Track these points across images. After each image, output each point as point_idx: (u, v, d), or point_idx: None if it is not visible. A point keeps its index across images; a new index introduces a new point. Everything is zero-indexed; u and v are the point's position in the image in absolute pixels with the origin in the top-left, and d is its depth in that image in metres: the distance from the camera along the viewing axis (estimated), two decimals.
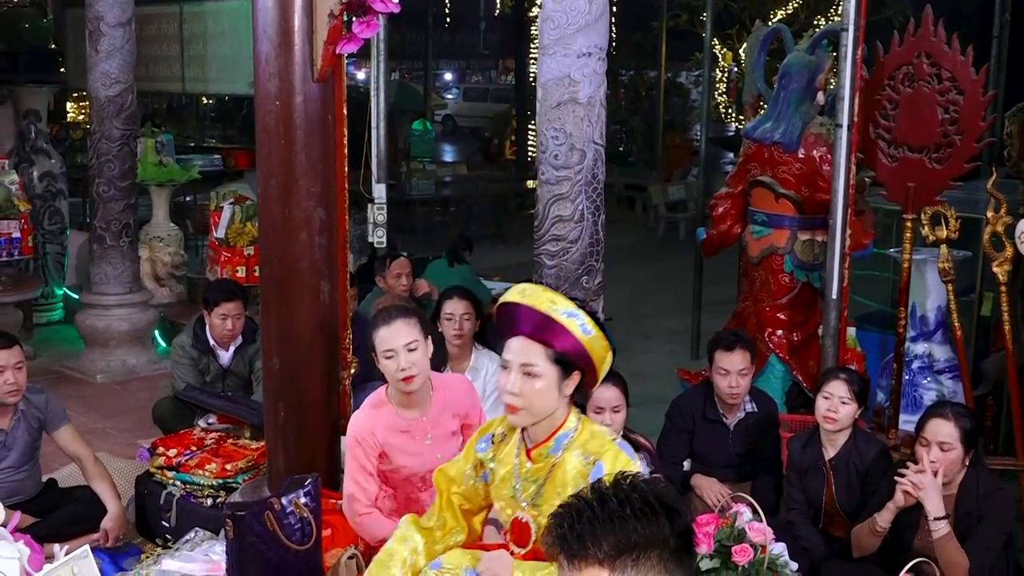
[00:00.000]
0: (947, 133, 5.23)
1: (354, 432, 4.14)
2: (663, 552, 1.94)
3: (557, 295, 3.08)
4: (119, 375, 7.81)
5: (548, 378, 3.02)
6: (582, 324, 3.00)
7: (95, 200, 7.81)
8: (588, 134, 4.58)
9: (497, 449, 3.26)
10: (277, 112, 4.29)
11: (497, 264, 11.24)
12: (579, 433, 3.12)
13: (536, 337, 3.02)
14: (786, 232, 6.22)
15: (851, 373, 4.77)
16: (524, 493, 3.13)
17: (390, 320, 4.07)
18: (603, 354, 3.06)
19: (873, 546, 4.36)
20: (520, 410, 3.05)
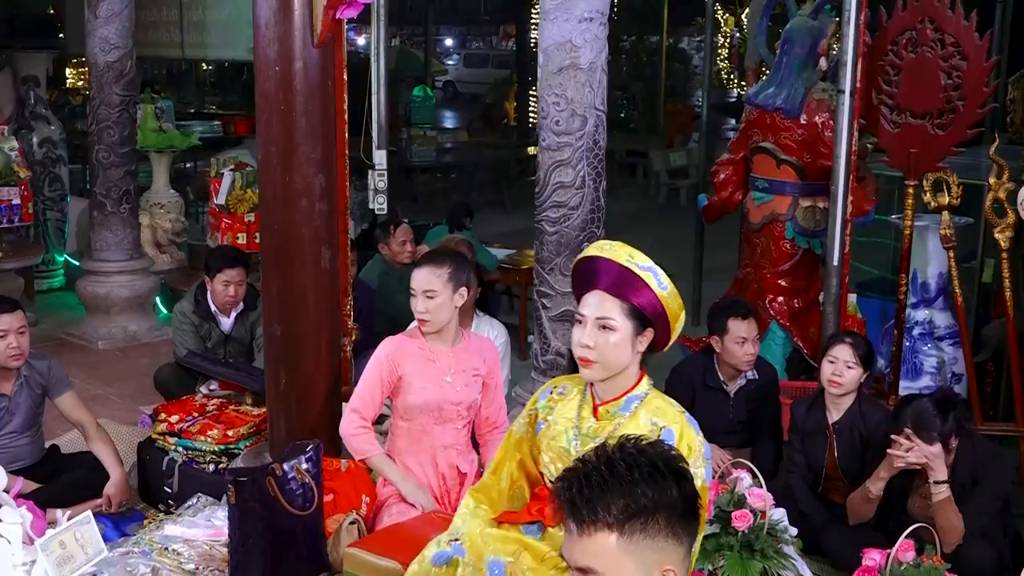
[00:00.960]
0: (950, 99, 5.21)
1: (381, 352, 4.28)
2: (671, 516, 1.96)
3: (635, 250, 3.10)
4: (120, 341, 7.82)
5: (623, 332, 3.03)
6: (658, 279, 3.03)
7: (95, 167, 7.79)
8: (589, 100, 4.56)
9: (556, 402, 3.26)
10: (277, 78, 4.28)
11: (498, 231, 11.22)
12: (650, 398, 3.13)
13: (613, 291, 3.04)
14: (788, 198, 6.21)
15: (856, 337, 4.77)
16: (581, 448, 3.10)
17: (423, 263, 4.27)
18: (677, 312, 3.08)
19: (867, 513, 4.38)
20: (594, 363, 3.05)
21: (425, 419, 4.26)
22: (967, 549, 4.08)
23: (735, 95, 23.12)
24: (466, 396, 4.27)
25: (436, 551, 3.24)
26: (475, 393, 4.29)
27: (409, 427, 4.30)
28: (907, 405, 4.27)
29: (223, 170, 8.35)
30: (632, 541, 1.94)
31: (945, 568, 3.72)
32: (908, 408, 4.21)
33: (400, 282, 6.98)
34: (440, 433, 4.28)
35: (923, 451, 4.10)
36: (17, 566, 1.95)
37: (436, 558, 3.21)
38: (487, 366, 4.36)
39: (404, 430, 4.31)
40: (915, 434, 4.11)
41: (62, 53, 12.28)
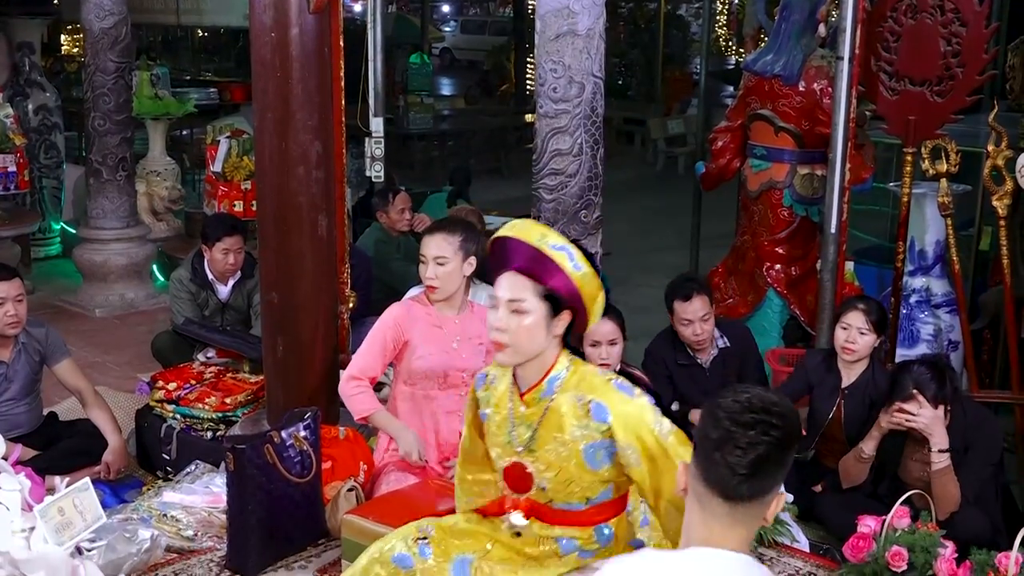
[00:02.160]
0: (949, 66, 5.18)
1: (388, 316, 4.30)
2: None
3: (548, 230, 2.97)
4: (118, 309, 7.82)
5: (536, 315, 2.91)
6: (572, 259, 2.89)
7: (91, 134, 7.77)
8: (587, 67, 4.54)
9: (490, 391, 3.16)
10: (273, 44, 4.26)
11: (495, 198, 11.20)
12: (571, 374, 3.00)
13: (526, 272, 2.92)
14: (785, 166, 6.20)
15: (869, 303, 4.78)
16: (519, 439, 3.03)
17: (434, 230, 4.28)
18: (594, 293, 2.94)
19: (860, 475, 4.40)
20: (507, 347, 2.94)
21: (429, 384, 4.28)
22: (961, 516, 4.10)
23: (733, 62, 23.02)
24: (471, 363, 4.28)
25: (400, 552, 3.10)
26: (479, 361, 4.30)
27: (412, 392, 4.31)
28: (903, 371, 4.29)
29: (219, 137, 8.32)
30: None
31: (940, 535, 3.75)
32: (907, 373, 4.23)
33: (397, 250, 6.98)
34: (443, 399, 4.30)
35: (928, 416, 4.12)
36: (16, 532, 1.95)
37: (398, 559, 3.09)
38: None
39: (407, 395, 4.32)
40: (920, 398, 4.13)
41: (57, 19, 12.21)
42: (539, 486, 3.03)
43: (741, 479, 2.08)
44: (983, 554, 3.61)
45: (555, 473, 2.98)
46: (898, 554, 3.67)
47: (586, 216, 4.65)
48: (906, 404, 4.15)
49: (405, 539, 3.11)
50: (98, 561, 3.75)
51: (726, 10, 24.78)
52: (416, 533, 3.13)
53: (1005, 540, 3.64)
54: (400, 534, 3.15)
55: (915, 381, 4.17)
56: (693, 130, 14.20)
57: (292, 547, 4.10)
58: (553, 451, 2.97)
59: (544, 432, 2.98)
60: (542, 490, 3.04)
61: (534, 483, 3.03)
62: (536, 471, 3.01)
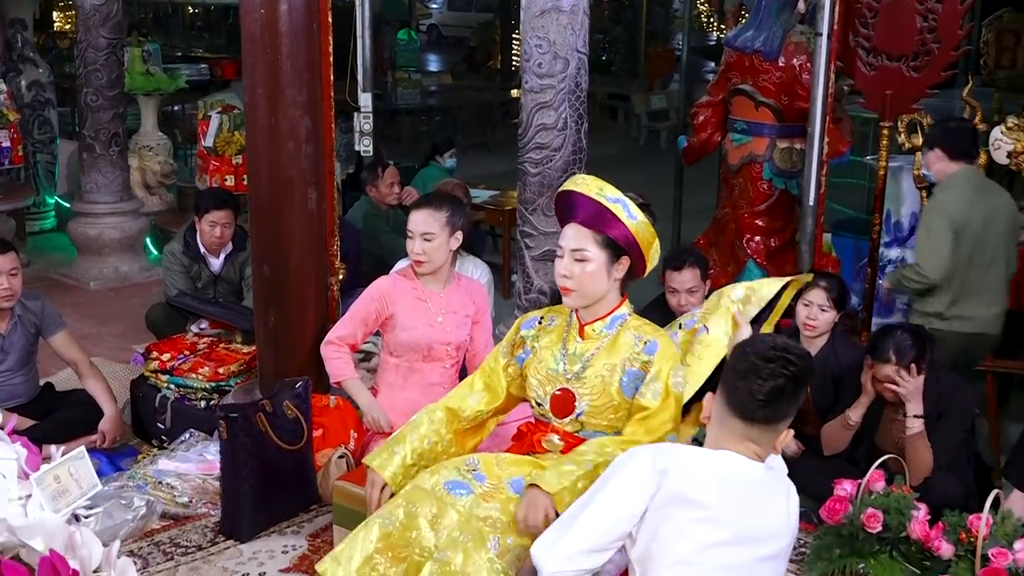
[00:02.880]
0: (925, 41, 5.18)
1: (375, 288, 4.31)
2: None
3: (605, 183, 3.20)
4: (112, 282, 7.80)
5: (598, 262, 3.16)
6: (628, 210, 3.14)
7: (84, 109, 7.72)
8: (571, 42, 4.53)
9: (542, 330, 3.37)
10: (262, 20, 4.23)
11: (482, 172, 11.17)
12: (631, 319, 3.28)
13: (587, 223, 3.16)
14: (765, 140, 6.19)
15: (830, 280, 4.77)
16: (569, 367, 3.25)
17: (421, 206, 4.26)
18: (650, 240, 3.20)
19: (843, 442, 4.42)
20: (572, 292, 3.19)
21: (414, 357, 4.28)
22: (934, 480, 4.13)
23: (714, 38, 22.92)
24: (455, 336, 4.28)
25: (453, 478, 3.14)
26: (464, 334, 4.31)
27: (398, 363, 4.31)
28: (883, 336, 4.31)
29: (210, 113, 8.28)
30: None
31: (913, 498, 3.77)
32: (889, 337, 4.25)
33: (386, 223, 6.96)
34: (428, 371, 4.30)
35: (914, 385, 4.15)
36: (13, 500, 1.95)
37: (451, 485, 3.12)
38: (476, 307, 4.38)
39: (393, 366, 4.33)
40: (897, 363, 4.15)
41: None
42: (578, 412, 3.25)
43: (760, 404, 2.47)
44: (955, 516, 3.63)
45: (596, 396, 3.22)
46: (873, 516, 3.69)
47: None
48: (893, 373, 4.17)
49: (458, 469, 3.17)
50: (95, 527, 3.76)
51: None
52: (466, 466, 3.20)
53: (976, 503, 3.66)
54: (447, 466, 3.20)
55: (896, 345, 4.19)
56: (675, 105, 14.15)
57: (284, 512, 4.11)
58: (599, 377, 3.22)
59: (596, 362, 3.23)
60: (578, 419, 3.25)
61: (575, 408, 3.25)
62: (579, 395, 3.23)
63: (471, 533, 2.95)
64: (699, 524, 2.45)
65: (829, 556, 3.75)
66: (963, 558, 3.51)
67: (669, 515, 2.46)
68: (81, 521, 2.20)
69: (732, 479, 2.51)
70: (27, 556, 1.94)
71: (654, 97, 16.75)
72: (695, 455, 2.57)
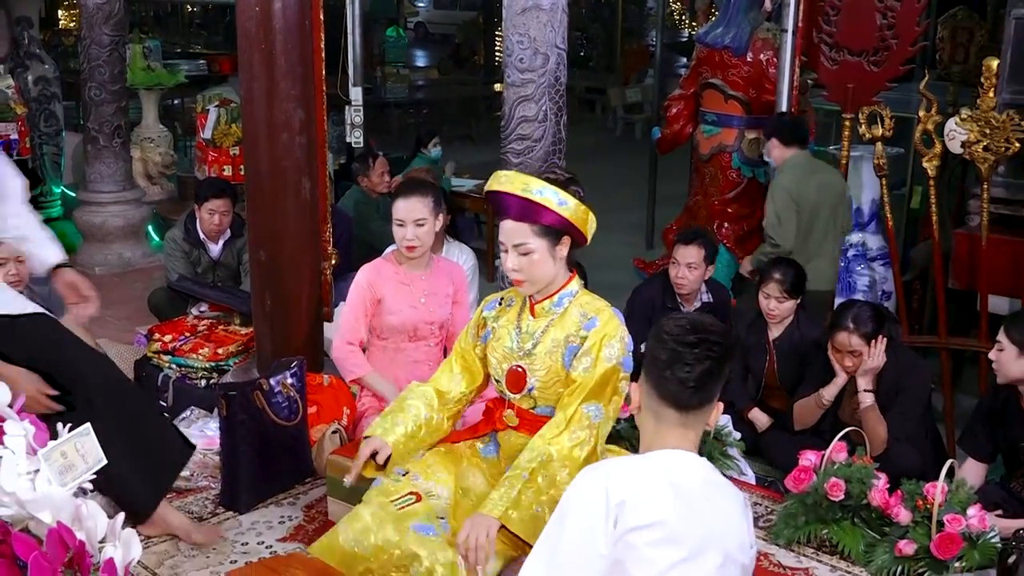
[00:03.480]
0: (884, 37, 5.19)
1: (360, 279, 4.25)
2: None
3: (529, 177, 3.13)
4: (116, 267, 7.76)
5: (540, 250, 3.11)
6: (556, 197, 3.07)
7: (88, 103, 7.66)
8: (551, 39, 4.51)
9: (502, 311, 3.35)
10: (257, 17, 4.20)
11: (467, 162, 11.14)
12: (579, 295, 3.24)
13: (521, 218, 3.10)
14: (734, 131, 6.21)
15: (784, 270, 4.77)
16: (522, 344, 3.22)
17: (409, 194, 4.17)
18: (583, 217, 3.15)
19: (815, 418, 4.44)
20: (525, 282, 3.16)
21: (400, 338, 4.27)
22: (893, 451, 4.16)
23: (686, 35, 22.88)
24: (438, 316, 4.27)
25: (422, 523, 3.06)
26: (446, 312, 4.30)
27: (385, 345, 4.30)
28: (843, 308, 4.36)
29: (209, 106, 8.24)
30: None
31: (874, 467, 3.79)
32: (847, 310, 4.29)
33: (376, 210, 6.93)
34: (413, 350, 4.29)
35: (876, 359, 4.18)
36: (21, 475, 1.94)
37: (419, 528, 3.04)
38: (455, 286, 4.37)
39: (380, 348, 4.31)
40: (854, 331, 4.17)
41: None
42: (529, 388, 3.22)
43: (692, 391, 2.29)
44: (913, 484, 3.66)
45: (545, 372, 3.18)
46: (836, 485, 3.71)
47: (555, 169, 4.64)
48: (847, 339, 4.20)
49: (428, 516, 3.09)
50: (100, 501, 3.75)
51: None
52: (436, 512, 3.11)
53: (933, 472, 3.68)
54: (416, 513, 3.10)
55: (853, 315, 4.23)
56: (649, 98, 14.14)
57: (281, 485, 4.09)
58: (548, 353, 3.18)
59: (545, 337, 3.19)
60: (530, 395, 3.23)
61: (527, 384, 3.22)
62: (530, 371, 3.20)
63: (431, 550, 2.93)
64: (658, 546, 2.23)
65: (795, 523, 3.78)
66: (920, 524, 3.54)
67: (629, 544, 2.23)
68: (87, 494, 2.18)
69: (682, 484, 2.30)
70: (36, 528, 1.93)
71: (629, 91, 16.72)
72: (644, 471, 2.30)
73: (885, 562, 3.55)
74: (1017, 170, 4.88)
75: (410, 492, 3.14)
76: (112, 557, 1.90)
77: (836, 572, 3.62)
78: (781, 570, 3.65)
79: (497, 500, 2.98)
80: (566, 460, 3.03)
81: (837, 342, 4.25)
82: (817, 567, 3.65)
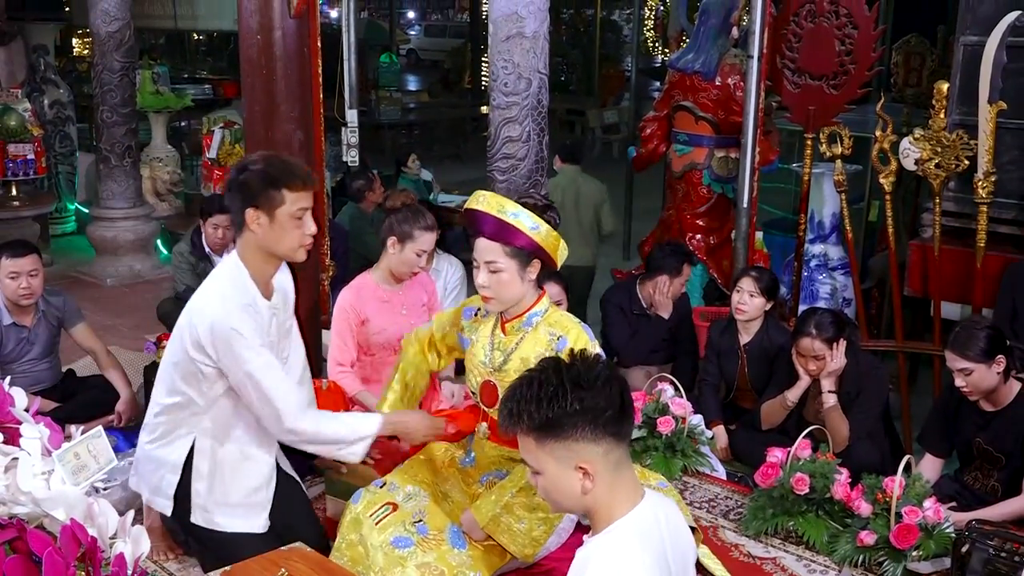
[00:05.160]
0: (843, 63, 5.20)
1: (341, 303, 4.22)
2: (579, 422, 1.93)
3: (506, 200, 3.05)
4: (127, 279, 7.74)
5: (510, 270, 3.02)
6: (529, 222, 2.99)
7: (100, 125, 7.65)
8: (533, 64, 4.51)
9: (477, 322, 3.27)
10: (259, 45, 4.19)
11: (456, 180, 11.13)
12: (548, 314, 3.14)
13: (494, 237, 3.01)
14: (705, 150, 6.21)
15: (761, 271, 4.80)
16: (493, 361, 3.15)
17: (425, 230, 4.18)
18: (554, 243, 3.06)
19: (781, 418, 4.44)
20: (492, 299, 3.07)
21: (385, 353, 4.22)
22: (854, 448, 4.17)
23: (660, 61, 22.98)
24: (419, 323, 4.23)
25: (398, 534, 3.04)
26: (425, 318, 4.27)
27: (372, 360, 4.27)
28: (806, 315, 4.36)
29: (214, 128, 8.24)
30: (544, 444, 1.96)
31: (836, 463, 3.79)
32: (810, 317, 4.30)
33: (371, 225, 6.92)
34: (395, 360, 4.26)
35: (838, 362, 4.18)
36: (37, 475, 1.92)
37: (397, 542, 3.02)
38: (428, 295, 4.39)
39: (367, 363, 4.28)
40: (816, 336, 4.17)
41: (68, 24, 11.97)
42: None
43: (617, 416, 1.97)
44: (872, 479, 3.66)
45: None
46: (801, 480, 3.72)
47: (534, 194, 4.62)
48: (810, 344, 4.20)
49: (403, 525, 3.06)
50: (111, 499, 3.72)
51: (653, 15, 24.67)
52: (412, 518, 3.09)
53: (892, 467, 3.69)
54: (394, 522, 3.08)
55: (816, 321, 4.23)
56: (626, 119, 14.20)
57: None
58: (517, 372, 3.04)
59: (515, 357, 3.10)
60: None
61: (499, 398, 3.11)
62: (500, 386, 3.12)
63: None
64: None
65: (763, 516, 3.77)
66: (880, 515, 3.54)
67: None
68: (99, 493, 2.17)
69: (667, 525, 2.05)
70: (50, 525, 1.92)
71: (607, 112, 16.76)
72: (640, 541, 1.97)
73: (847, 552, 3.55)
74: (966, 185, 4.90)
75: (386, 503, 3.12)
76: (122, 552, 1.88)
77: (802, 561, 3.62)
78: (751, 560, 3.64)
79: (485, 508, 3.01)
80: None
81: (801, 347, 4.26)
82: (784, 556, 3.65)
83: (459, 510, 3.16)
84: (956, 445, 4.01)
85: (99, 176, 7.82)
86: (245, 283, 3.08)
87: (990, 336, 3.69)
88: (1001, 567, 3.13)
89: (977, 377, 3.70)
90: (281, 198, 3.00)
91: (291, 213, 3.03)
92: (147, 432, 3.25)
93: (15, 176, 7.84)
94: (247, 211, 3.01)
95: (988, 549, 3.15)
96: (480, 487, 3.22)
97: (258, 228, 3.02)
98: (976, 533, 3.21)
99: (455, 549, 3.01)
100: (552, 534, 3.04)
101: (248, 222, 3.03)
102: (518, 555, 3.02)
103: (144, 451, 3.26)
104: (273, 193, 2.99)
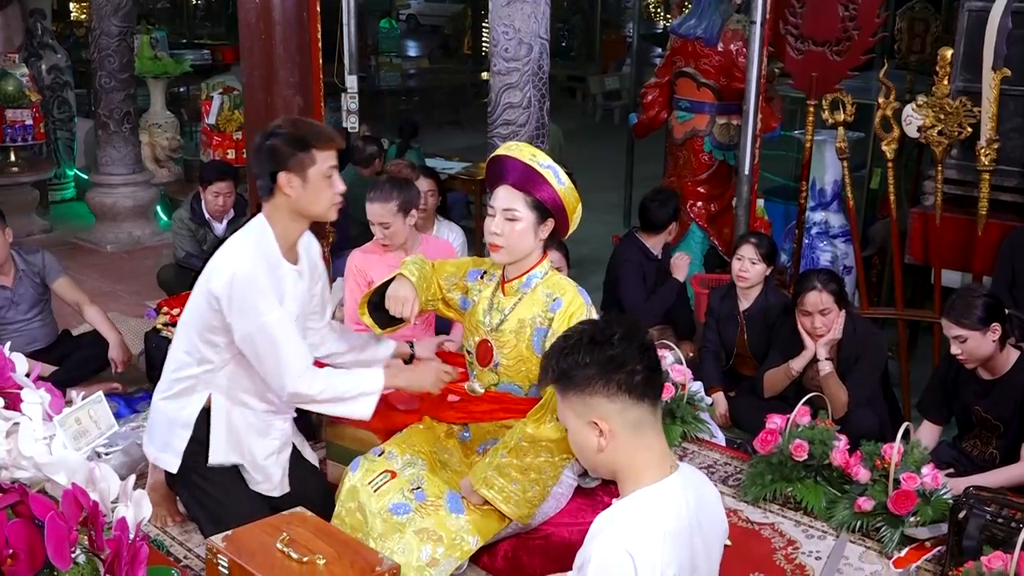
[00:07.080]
0: (846, 29, 5.16)
1: (351, 264, 4.31)
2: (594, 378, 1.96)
3: (538, 150, 3.08)
4: (127, 245, 7.73)
5: (526, 221, 3.03)
6: (558, 176, 3.02)
7: (98, 91, 7.60)
8: (534, 29, 4.48)
9: (480, 284, 3.28)
10: (258, 9, 4.17)
11: (455, 146, 11.10)
12: (548, 277, 3.15)
13: (518, 186, 3.03)
14: (706, 117, 6.17)
15: (760, 237, 4.79)
16: (491, 320, 3.16)
17: (373, 199, 4.23)
18: (574, 204, 3.09)
19: (784, 387, 4.44)
20: (501, 248, 3.06)
21: None
22: (853, 414, 4.18)
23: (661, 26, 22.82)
24: None
25: (397, 501, 3.03)
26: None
27: None
28: (807, 273, 4.41)
29: (213, 93, 8.20)
30: (565, 396, 2.02)
31: (835, 430, 3.81)
32: (812, 274, 4.36)
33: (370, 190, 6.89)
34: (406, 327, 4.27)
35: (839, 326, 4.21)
36: (38, 440, 1.93)
37: (395, 508, 3.02)
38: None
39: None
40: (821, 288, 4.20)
41: None
42: (495, 363, 3.17)
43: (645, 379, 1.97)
44: (871, 445, 3.68)
45: (510, 350, 3.13)
46: (800, 446, 3.73)
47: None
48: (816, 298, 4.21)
49: (401, 491, 3.06)
50: (113, 463, 3.74)
51: None
52: (410, 485, 3.09)
53: (890, 434, 3.71)
54: (393, 488, 3.07)
55: (818, 276, 4.29)
56: (627, 86, 14.11)
57: None
58: (513, 332, 3.12)
59: (512, 316, 3.13)
60: (495, 370, 3.18)
61: (493, 358, 3.17)
62: (496, 347, 3.15)
63: (406, 544, 2.93)
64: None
65: (762, 481, 3.80)
66: (878, 482, 3.56)
67: None
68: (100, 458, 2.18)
69: (697, 503, 2.02)
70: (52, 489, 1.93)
71: (608, 79, 16.67)
72: (659, 513, 1.94)
73: (845, 517, 3.57)
74: (968, 153, 4.87)
75: (384, 471, 3.13)
76: (124, 516, 1.89)
77: (800, 527, 3.64)
78: (749, 525, 3.67)
79: (480, 471, 3.04)
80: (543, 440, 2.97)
81: (808, 303, 4.24)
82: (782, 522, 3.67)
83: (458, 478, 3.18)
84: (955, 413, 4.02)
85: (98, 142, 7.80)
86: (271, 244, 3.08)
87: (986, 304, 3.69)
88: (998, 533, 3.15)
89: (972, 345, 3.71)
90: (312, 159, 2.98)
91: (323, 172, 3.01)
92: (163, 387, 3.24)
93: (13, 142, 7.81)
94: (279, 175, 2.99)
95: (985, 515, 3.17)
96: (478, 456, 3.24)
97: (291, 191, 3.00)
98: (973, 499, 3.23)
99: (453, 514, 3.03)
100: (548, 497, 3.05)
101: (281, 186, 3.00)
102: (513, 516, 3.03)
103: (158, 406, 3.25)
104: (303, 155, 2.97)
